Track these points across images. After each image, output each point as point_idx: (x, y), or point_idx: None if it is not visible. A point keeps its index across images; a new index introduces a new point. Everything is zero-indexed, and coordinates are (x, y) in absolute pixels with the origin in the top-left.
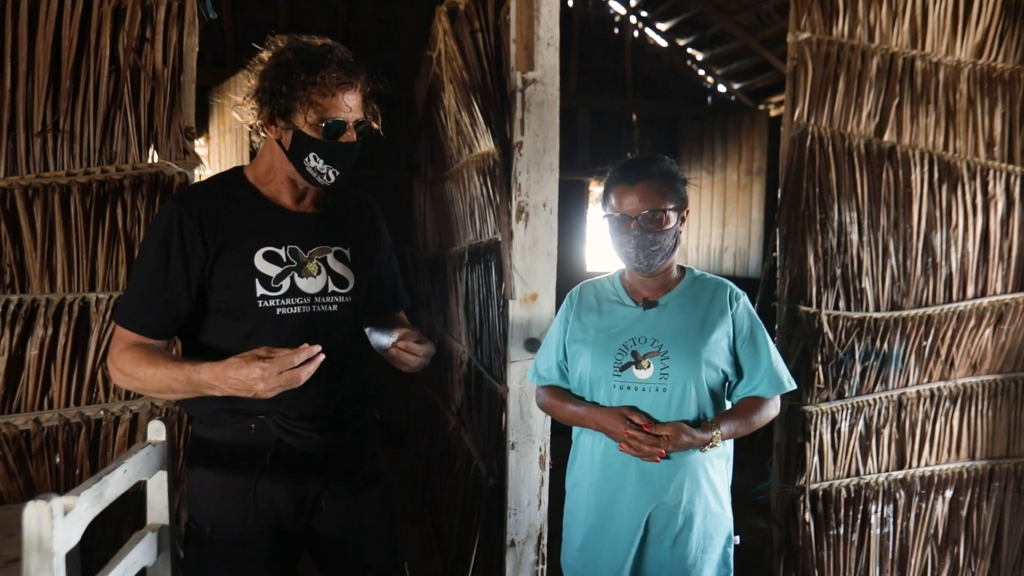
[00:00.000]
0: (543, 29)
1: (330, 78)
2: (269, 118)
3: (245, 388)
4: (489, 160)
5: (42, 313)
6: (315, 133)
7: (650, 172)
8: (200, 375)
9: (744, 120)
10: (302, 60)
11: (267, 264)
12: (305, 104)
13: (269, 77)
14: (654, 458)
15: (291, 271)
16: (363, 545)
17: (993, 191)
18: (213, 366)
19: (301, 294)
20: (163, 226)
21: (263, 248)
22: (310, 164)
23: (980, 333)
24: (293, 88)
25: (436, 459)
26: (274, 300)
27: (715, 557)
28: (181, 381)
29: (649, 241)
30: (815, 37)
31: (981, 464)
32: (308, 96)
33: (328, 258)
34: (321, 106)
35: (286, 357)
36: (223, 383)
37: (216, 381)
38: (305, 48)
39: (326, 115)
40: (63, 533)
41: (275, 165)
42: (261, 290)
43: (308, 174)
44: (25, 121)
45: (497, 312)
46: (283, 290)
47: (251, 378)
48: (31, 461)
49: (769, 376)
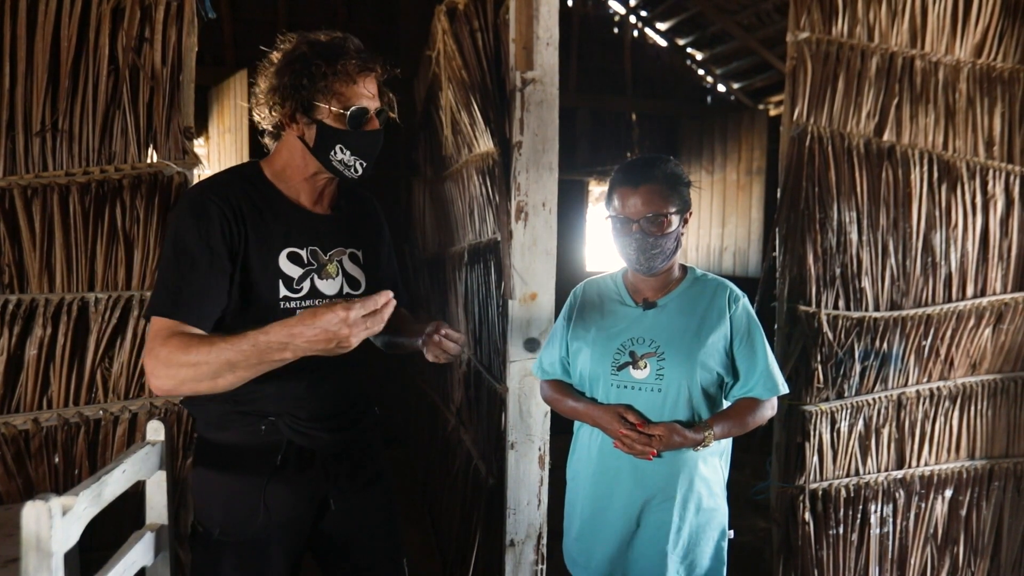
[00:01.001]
0: (542, 29)
1: (351, 65)
2: (291, 115)
3: (326, 338)
4: (488, 160)
5: (41, 313)
6: (340, 124)
7: (653, 175)
8: (269, 336)
9: (743, 120)
10: (319, 51)
11: (290, 265)
12: (328, 95)
13: (288, 72)
14: (646, 456)
15: (312, 272)
16: (365, 544)
17: (992, 191)
18: (283, 323)
19: (321, 296)
20: (199, 216)
21: (287, 249)
22: (336, 157)
23: (979, 333)
24: (314, 79)
25: (436, 459)
26: (296, 301)
27: (708, 550)
28: (246, 351)
29: (651, 244)
30: (814, 37)
31: (980, 464)
32: (329, 86)
33: (344, 260)
34: (344, 95)
35: (368, 299)
36: (299, 339)
37: (289, 339)
38: (319, 40)
39: (349, 103)
40: (61, 533)
41: (294, 163)
42: (284, 291)
43: (335, 168)
44: (24, 121)
45: (496, 312)
46: (304, 291)
47: (333, 323)
48: (30, 461)
49: (765, 378)
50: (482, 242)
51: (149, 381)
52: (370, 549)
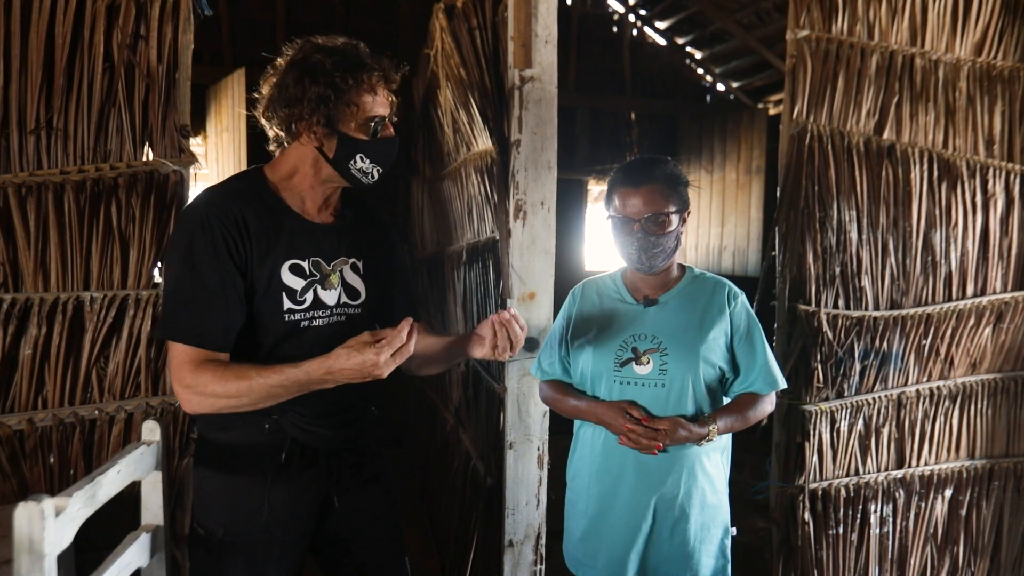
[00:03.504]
0: (541, 27)
1: (374, 76)
2: (312, 127)
3: (361, 373)
4: (487, 158)
5: (36, 312)
6: (361, 134)
7: (653, 175)
8: (310, 373)
9: (743, 119)
10: (337, 62)
11: (293, 277)
12: (353, 107)
13: (308, 83)
14: (652, 451)
15: (314, 284)
16: (367, 542)
17: (992, 189)
18: (321, 361)
19: (323, 306)
20: (208, 235)
21: (289, 261)
22: (356, 166)
23: (979, 332)
24: (340, 92)
25: (434, 459)
26: (300, 313)
27: (713, 548)
28: (287, 386)
29: (651, 243)
30: (814, 35)
31: (980, 463)
32: (353, 99)
33: (345, 269)
34: (365, 106)
35: (395, 336)
36: (337, 375)
37: (329, 375)
38: (334, 48)
39: (369, 114)
40: (54, 534)
41: (303, 171)
42: (288, 303)
43: (353, 176)
44: (18, 119)
45: (495, 311)
46: (307, 303)
47: (367, 364)
48: (25, 462)
49: (764, 373)
50: (481, 241)
51: (184, 406)
52: (372, 547)
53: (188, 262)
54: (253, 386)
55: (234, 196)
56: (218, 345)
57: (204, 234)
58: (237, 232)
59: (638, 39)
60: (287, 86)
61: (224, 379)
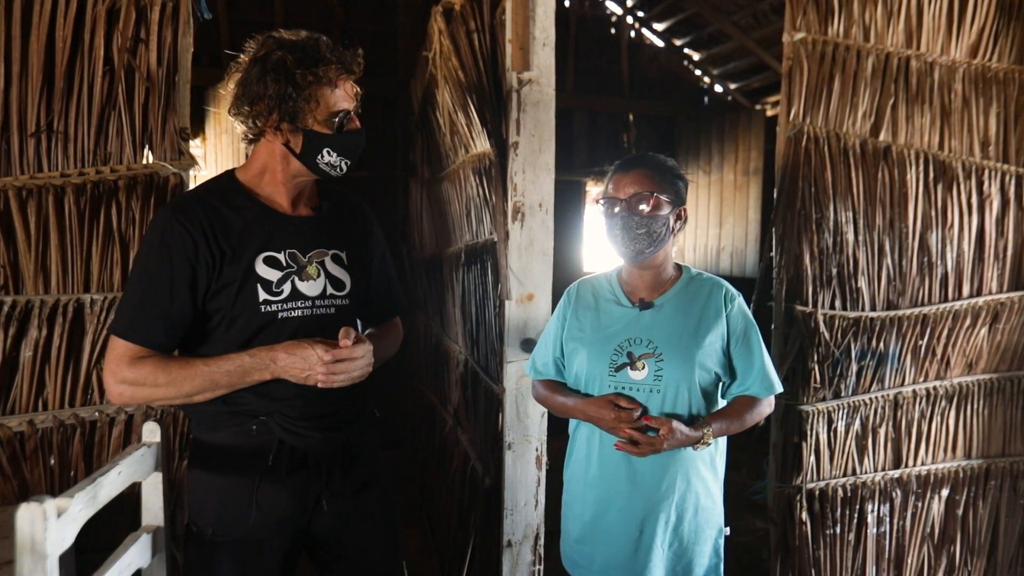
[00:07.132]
0: (539, 29)
1: (333, 70)
2: (276, 124)
3: (301, 367)
4: (485, 160)
5: (36, 314)
6: (325, 128)
7: (645, 162)
8: (254, 356)
9: (740, 120)
10: (298, 58)
11: (268, 269)
12: (312, 103)
13: (269, 81)
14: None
15: (291, 275)
16: (361, 546)
17: (988, 190)
18: (268, 348)
19: (302, 297)
20: (166, 238)
21: (263, 254)
22: (324, 160)
23: (976, 332)
24: (299, 88)
25: (433, 459)
26: (276, 305)
27: (706, 548)
28: (229, 371)
29: (635, 223)
30: (811, 37)
31: (977, 463)
32: (313, 94)
33: (326, 261)
34: (327, 100)
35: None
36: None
37: (271, 362)
38: (293, 43)
39: (333, 108)
40: (56, 535)
41: (273, 167)
42: (263, 295)
43: (322, 170)
44: (19, 122)
45: (493, 312)
46: (284, 294)
47: (311, 359)
48: (25, 463)
49: (762, 377)
50: (479, 243)
51: (114, 399)
52: (366, 552)
53: (142, 265)
54: (190, 374)
55: (198, 199)
56: (159, 345)
57: (163, 237)
58: (201, 233)
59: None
60: (250, 83)
61: (163, 368)
